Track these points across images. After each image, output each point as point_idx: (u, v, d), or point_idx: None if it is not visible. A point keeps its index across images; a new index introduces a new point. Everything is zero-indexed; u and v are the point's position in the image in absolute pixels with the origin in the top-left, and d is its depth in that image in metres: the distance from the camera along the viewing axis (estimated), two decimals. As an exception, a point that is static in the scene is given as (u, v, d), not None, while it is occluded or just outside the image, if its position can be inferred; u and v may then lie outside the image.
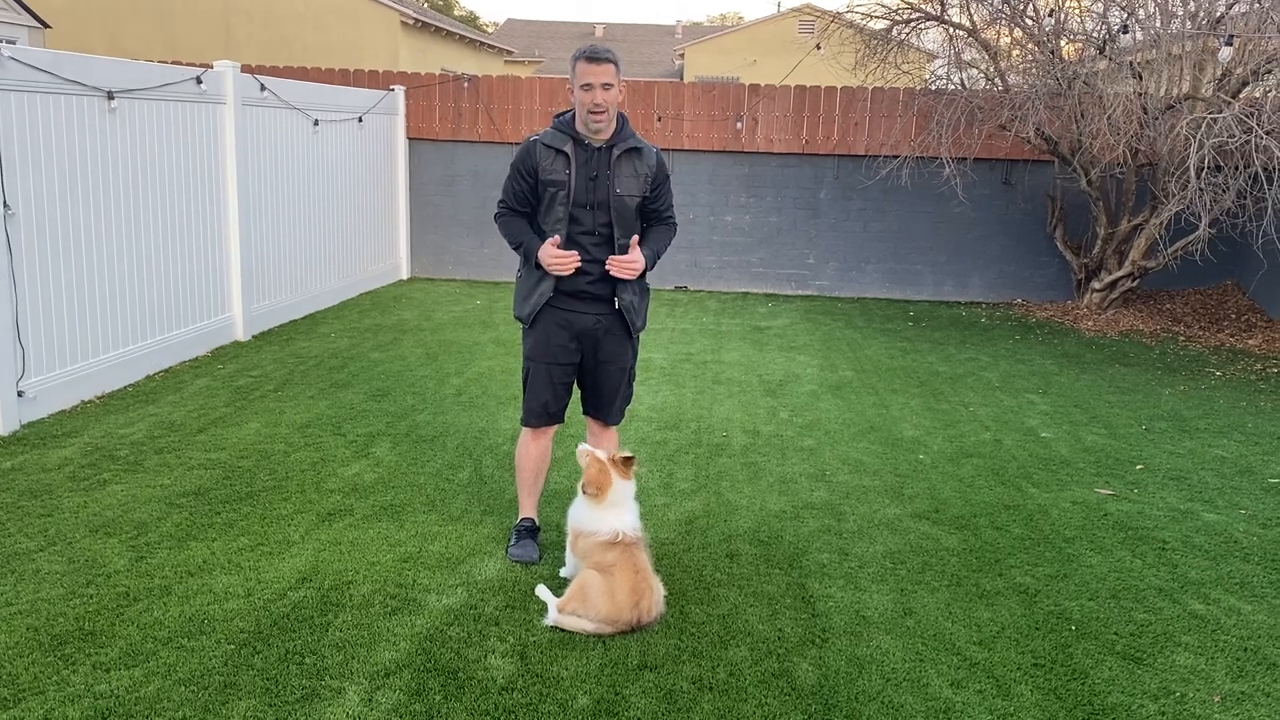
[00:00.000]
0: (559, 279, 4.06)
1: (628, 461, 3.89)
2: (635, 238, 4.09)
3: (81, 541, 4.28)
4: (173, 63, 8.22)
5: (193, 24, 21.44)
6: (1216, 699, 3.42)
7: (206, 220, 7.72)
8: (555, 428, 4.35)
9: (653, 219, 4.24)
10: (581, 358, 4.24)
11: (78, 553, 4.17)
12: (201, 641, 3.52)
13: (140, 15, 21.44)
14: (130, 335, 6.83)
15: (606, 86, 3.89)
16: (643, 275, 4.15)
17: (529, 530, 4.39)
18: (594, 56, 3.90)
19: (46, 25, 19.09)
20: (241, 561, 4.16)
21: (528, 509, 4.44)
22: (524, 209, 4.15)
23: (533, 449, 4.33)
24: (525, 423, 4.30)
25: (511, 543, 4.35)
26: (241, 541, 4.35)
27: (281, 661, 3.42)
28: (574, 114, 4.03)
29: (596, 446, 4.15)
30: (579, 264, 4.00)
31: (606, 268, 4.01)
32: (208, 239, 7.75)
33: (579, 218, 4.02)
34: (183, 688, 3.24)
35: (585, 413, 4.42)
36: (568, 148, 3.99)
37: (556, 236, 4.00)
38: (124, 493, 4.85)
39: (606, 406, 4.34)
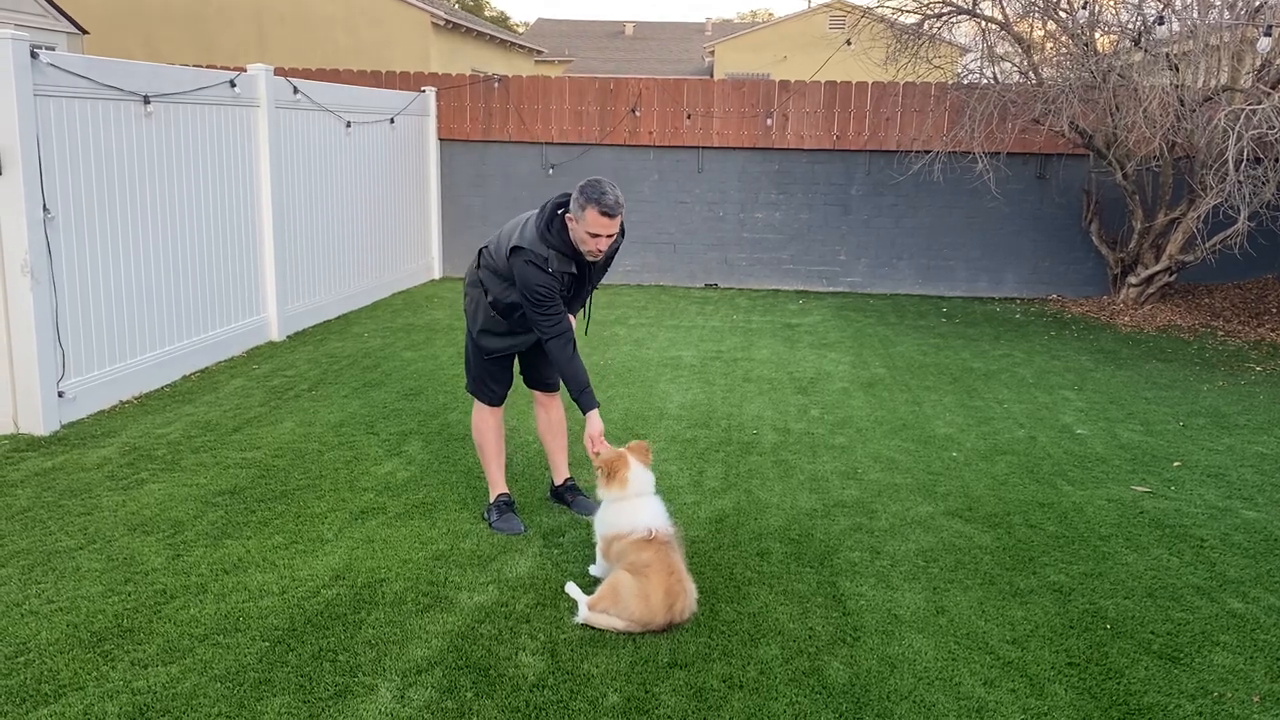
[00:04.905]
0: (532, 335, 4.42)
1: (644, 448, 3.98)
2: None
3: (120, 540, 4.35)
4: (207, 66, 8.32)
5: (226, 28, 21.68)
6: (1256, 699, 3.37)
7: (241, 222, 7.81)
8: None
9: None
10: None
11: (116, 551, 4.24)
12: (237, 638, 3.57)
13: (175, 20, 21.71)
14: (167, 336, 6.93)
15: (610, 236, 4.09)
16: None
17: (508, 504, 4.70)
18: (608, 211, 3.99)
19: (84, 31, 19.36)
20: (276, 559, 4.21)
21: (500, 484, 4.73)
22: None
23: (493, 422, 4.69)
24: (490, 403, 4.64)
25: (494, 519, 4.60)
26: (276, 540, 4.40)
27: (315, 659, 3.46)
28: (560, 227, 4.13)
29: (546, 414, 4.78)
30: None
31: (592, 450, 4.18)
32: (242, 240, 7.84)
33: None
34: (218, 684, 3.29)
35: (530, 385, 4.77)
36: (574, 268, 4.25)
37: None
38: (161, 492, 4.92)
39: (554, 373, 4.66)
